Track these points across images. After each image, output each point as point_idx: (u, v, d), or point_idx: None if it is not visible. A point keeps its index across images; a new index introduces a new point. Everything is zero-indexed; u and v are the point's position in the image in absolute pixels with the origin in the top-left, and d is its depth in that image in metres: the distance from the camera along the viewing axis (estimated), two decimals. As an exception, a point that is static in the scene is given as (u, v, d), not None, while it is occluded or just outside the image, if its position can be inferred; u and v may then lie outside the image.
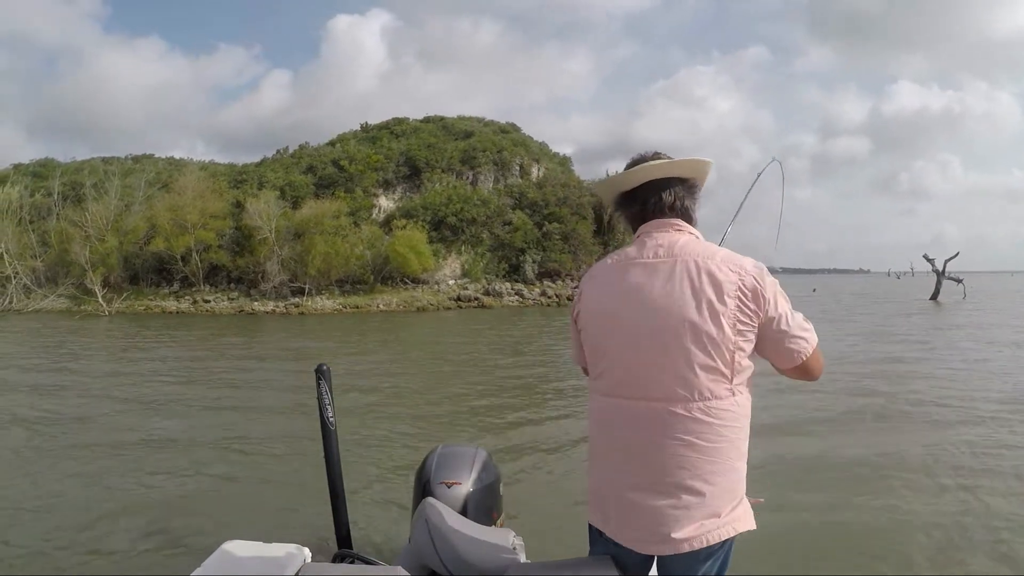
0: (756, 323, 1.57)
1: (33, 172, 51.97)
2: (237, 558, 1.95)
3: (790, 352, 1.61)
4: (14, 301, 37.04)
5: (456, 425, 7.95)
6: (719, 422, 1.57)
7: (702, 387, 1.55)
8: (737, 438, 1.61)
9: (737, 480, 1.63)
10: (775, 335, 1.59)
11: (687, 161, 1.74)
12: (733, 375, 1.57)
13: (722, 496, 1.60)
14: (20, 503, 5.11)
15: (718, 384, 1.56)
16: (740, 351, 1.57)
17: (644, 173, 1.73)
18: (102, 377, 12.09)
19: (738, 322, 1.56)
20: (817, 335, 1.65)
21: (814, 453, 6.31)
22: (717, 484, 1.58)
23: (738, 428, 1.60)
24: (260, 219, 37.03)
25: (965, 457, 6.08)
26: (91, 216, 40.04)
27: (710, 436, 1.56)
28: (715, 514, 1.59)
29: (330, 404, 2.32)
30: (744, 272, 1.58)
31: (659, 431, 1.59)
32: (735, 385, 1.58)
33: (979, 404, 8.40)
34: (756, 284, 1.57)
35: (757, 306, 1.56)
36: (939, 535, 4.31)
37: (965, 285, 38.29)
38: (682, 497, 1.58)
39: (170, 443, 6.98)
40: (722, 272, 1.57)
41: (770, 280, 1.60)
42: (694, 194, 1.77)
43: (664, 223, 1.71)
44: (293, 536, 2.29)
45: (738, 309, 1.55)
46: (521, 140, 53.37)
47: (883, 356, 13.36)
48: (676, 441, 1.57)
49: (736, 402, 1.59)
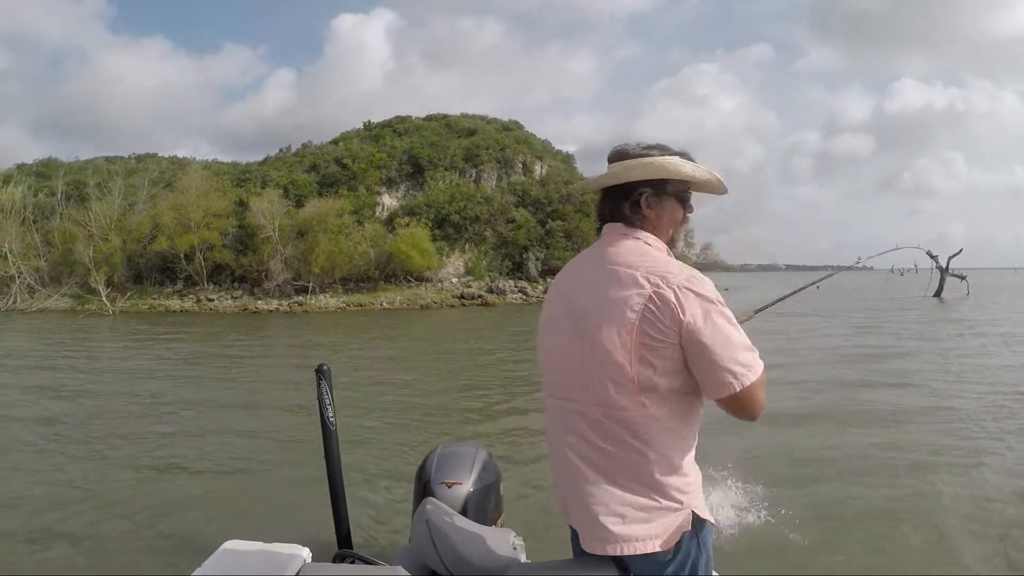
0: (670, 339, 1.45)
1: (36, 172, 51.99)
2: (237, 558, 1.94)
3: (714, 383, 1.46)
4: (18, 301, 37.17)
5: (457, 424, 7.95)
6: (629, 431, 1.51)
7: (608, 395, 1.51)
8: (652, 450, 1.51)
9: (665, 492, 1.53)
10: (697, 360, 1.46)
11: (651, 163, 1.60)
12: (641, 387, 1.48)
13: (639, 507, 1.53)
14: (19, 503, 5.10)
15: (624, 395, 1.49)
16: (647, 365, 1.47)
17: (605, 180, 1.67)
18: (104, 377, 12.10)
19: (643, 334, 1.46)
20: (760, 368, 1.48)
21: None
22: (636, 492, 1.52)
23: (655, 440, 1.51)
24: (263, 218, 37.09)
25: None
26: (94, 215, 40.12)
27: (622, 444, 1.52)
28: (637, 524, 1.53)
29: (330, 404, 2.32)
30: (664, 284, 1.46)
31: (580, 432, 1.57)
32: (646, 396, 1.49)
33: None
34: (674, 299, 1.44)
35: (672, 320, 1.44)
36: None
37: (968, 282, 38.20)
38: (601, 500, 1.54)
39: (170, 443, 6.99)
40: (638, 282, 1.49)
41: (698, 299, 1.45)
42: (664, 193, 1.62)
43: (614, 227, 1.64)
44: (293, 536, 2.25)
45: (644, 320, 1.46)
46: (524, 138, 53.37)
47: (887, 353, 13.31)
48: (593, 445, 1.55)
49: (649, 415, 1.50)
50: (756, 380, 1.47)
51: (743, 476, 4.97)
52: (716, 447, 5.58)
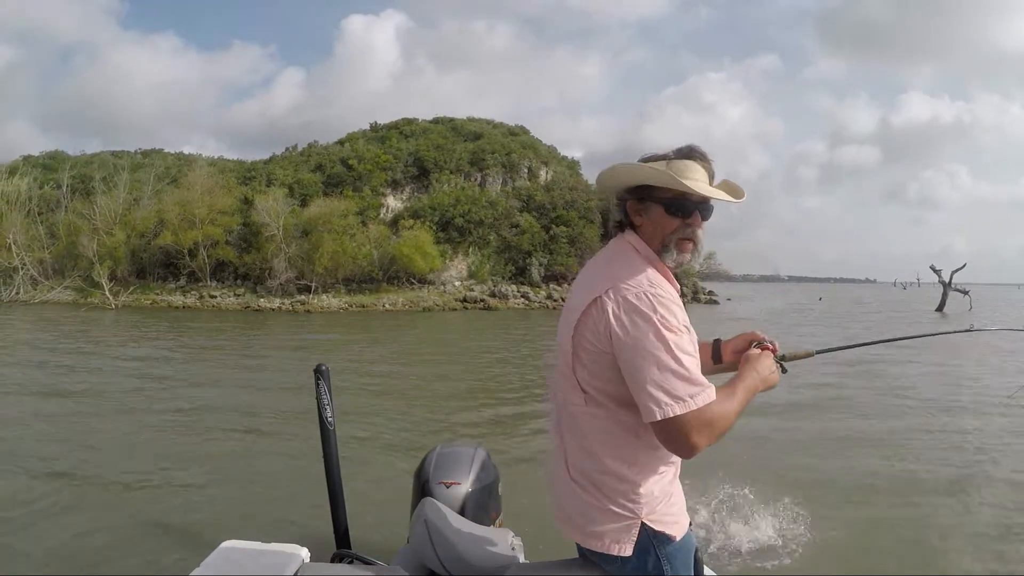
0: (602, 347, 1.48)
1: (43, 164, 52.13)
2: (236, 558, 1.94)
3: (640, 405, 1.42)
4: (21, 292, 37.24)
5: (456, 425, 7.94)
6: (579, 428, 1.58)
7: (563, 389, 1.60)
8: (597, 451, 1.55)
9: (607, 495, 1.55)
10: (627, 376, 1.44)
11: (613, 170, 1.62)
12: (582, 388, 1.54)
13: (589, 503, 1.57)
14: (17, 502, 5.08)
15: (571, 393, 1.57)
16: (583, 367, 1.52)
17: (600, 188, 1.69)
18: (102, 372, 12.07)
19: (581, 337, 1.51)
20: (697, 407, 1.39)
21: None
22: (585, 488, 1.58)
23: (598, 442, 1.54)
24: (268, 216, 37.10)
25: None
26: (99, 209, 40.16)
27: (576, 439, 1.59)
28: (586, 520, 1.58)
29: (329, 404, 2.33)
30: (610, 292, 1.47)
31: (557, 424, 1.67)
32: (586, 398, 1.54)
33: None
34: (611, 309, 1.45)
35: (604, 329, 1.46)
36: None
37: (971, 297, 38.14)
38: (563, 492, 1.64)
39: (168, 442, 6.97)
40: (590, 287, 1.53)
41: (637, 311, 1.43)
42: (648, 200, 1.59)
43: (616, 236, 1.68)
44: (292, 536, 2.29)
45: (583, 323, 1.50)
46: (530, 143, 53.39)
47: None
48: (554, 431, 1.68)
49: (593, 415, 1.54)
50: (686, 415, 1.38)
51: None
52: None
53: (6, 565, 3.96)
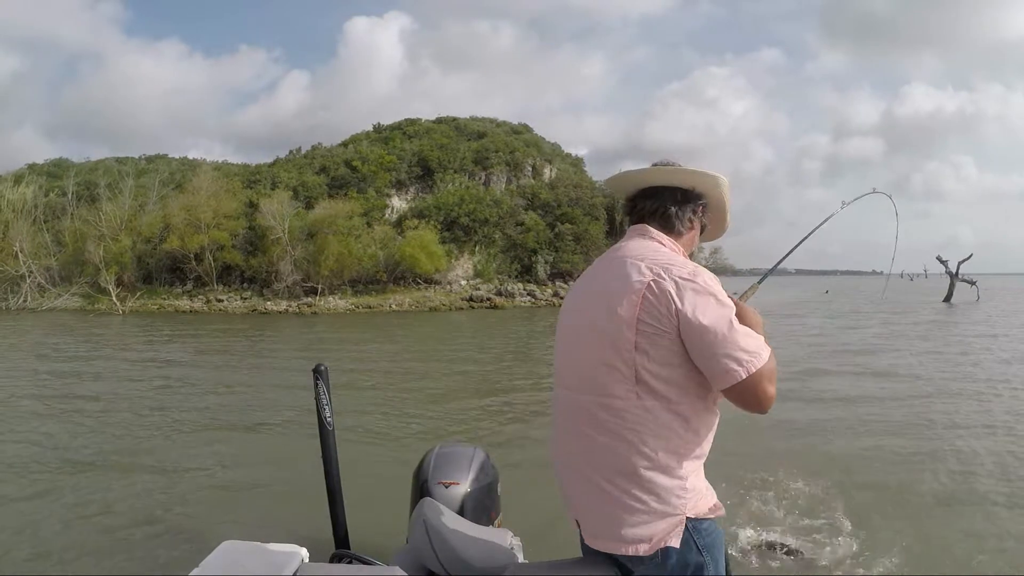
0: (667, 328, 1.47)
1: (47, 172, 52.35)
2: (235, 558, 1.92)
3: (719, 371, 1.45)
4: (28, 300, 37.39)
5: (455, 424, 7.90)
6: (620, 423, 1.51)
7: (603, 383, 1.53)
8: (644, 444, 1.50)
9: (651, 491, 1.51)
10: (697, 350, 1.46)
11: (682, 171, 1.70)
12: (636, 377, 1.49)
13: (630, 504, 1.51)
14: (18, 502, 5.10)
15: (618, 384, 1.51)
16: (643, 353, 1.48)
17: (639, 179, 1.74)
18: (107, 375, 12.08)
19: (640, 322, 1.48)
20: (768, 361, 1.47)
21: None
22: (622, 488, 1.52)
23: (645, 434, 1.50)
24: (273, 219, 37.13)
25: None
26: (105, 215, 40.24)
27: (612, 435, 1.52)
28: (625, 522, 1.52)
29: (328, 404, 2.34)
30: (664, 275, 1.49)
31: (580, 420, 1.59)
32: (640, 387, 1.49)
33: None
34: (672, 288, 1.47)
35: (668, 310, 1.46)
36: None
37: (979, 287, 38.02)
38: (589, 493, 1.58)
39: (168, 443, 6.97)
40: (641, 272, 1.52)
41: (695, 292, 1.47)
42: (690, 206, 1.71)
43: (636, 228, 1.71)
44: (291, 536, 2.26)
45: (642, 308, 1.48)
46: (533, 141, 53.36)
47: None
48: (587, 435, 1.57)
49: (644, 407, 1.49)
50: (763, 368, 1.44)
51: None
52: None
53: (6, 565, 3.96)
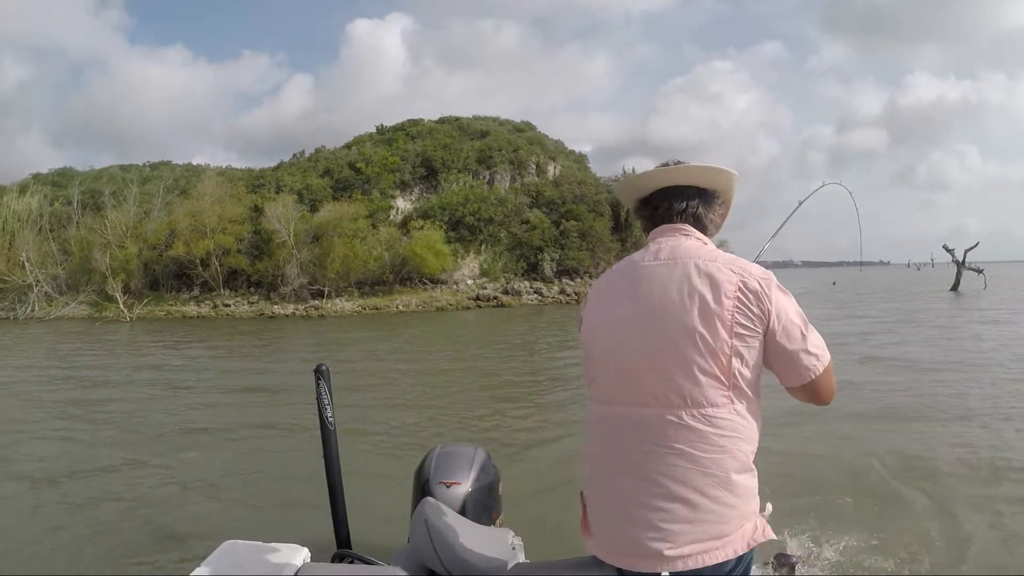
0: (759, 329, 1.47)
1: (52, 181, 52.51)
2: (236, 558, 1.93)
3: (798, 369, 1.48)
4: (36, 309, 37.50)
5: (457, 424, 7.86)
6: (714, 431, 1.46)
7: (695, 393, 1.46)
8: (737, 449, 1.48)
9: (741, 495, 1.49)
10: (782, 348, 1.48)
11: (702, 168, 1.69)
12: (731, 382, 1.46)
13: (722, 511, 1.46)
14: (19, 503, 5.11)
15: (714, 390, 1.46)
16: (739, 357, 1.46)
17: (659, 178, 1.70)
18: (112, 380, 12.12)
19: (736, 324, 1.46)
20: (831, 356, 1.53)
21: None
22: (715, 498, 1.46)
23: (738, 438, 1.48)
24: (279, 223, 37.13)
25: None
26: (110, 223, 40.36)
27: (704, 446, 1.45)
28: (715, 531, 1.46)
29: (329, 404, 2.35)
30: (748, 274, 1.49)
31: (650, 438, 1.49)
32: (734, 392, 1.47)
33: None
34: (760, 288, 1.47)
35: (760, 310, 1.46)
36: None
37: (986, 275, 37.86)
38: (675, 511, 1.46)
39: (170, 443, 6.97)
40: (723, 273, 1.50)
41: (778, 289, 1.50)
42: (712, 204, 1.71)
43: (671, 228, 1.66)
44: (292, 536, 2.24)
45: (737, 310, 1.46)
46: (537, 138, 53.26)
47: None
48: (667, 450, 1.47)
49: (736, 411, 1.47)
50: (829, 364, 1.51)
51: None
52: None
53: (7, 565, 3.95)
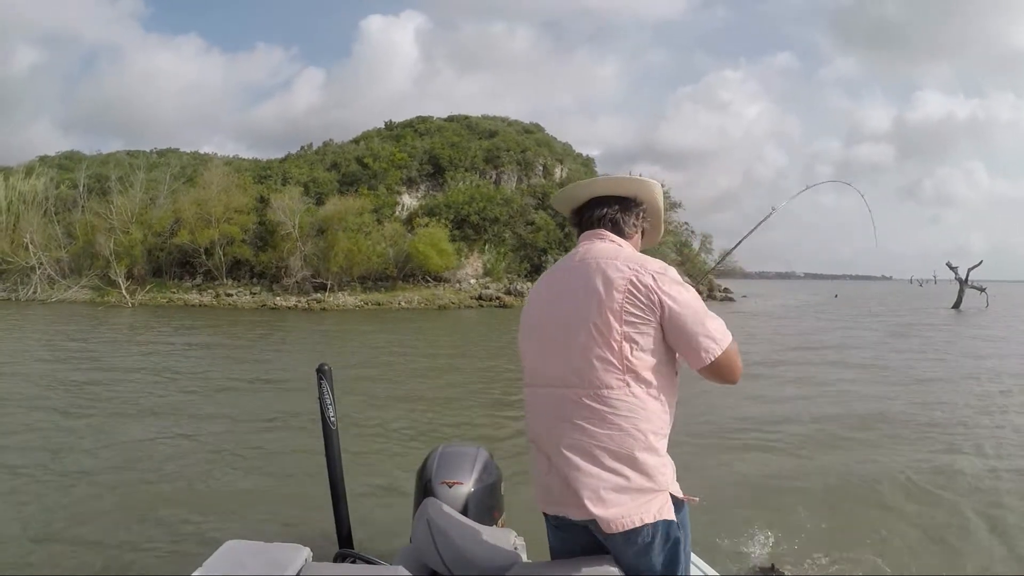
0: (652, 318, 1.65)
1: (59, 164, 52.51)
2: (238, 558, 1.92)
3: (696, 352, 1.66)
4: (38, 291, 37.50)
5: (458, 424, 7.86)
6: (609, 410, 1.64)
7: (591, 376, 1.66)
8: (635, 428, 1.65)
9: (642, 471, 1.65)
10: (679, 334, 1.67)
11: (618, 179, 1.95)
12: (624, 365, 1.64)
13: (619, 482, 1.64)
14: (20, 502, 5.06)
15: (608, 374, 1.65)
16: (631, 342, 1.65)
17: (585, 190, 1.96)
18: (113, 370, 12.06)
19: (626, 313, 1.64)
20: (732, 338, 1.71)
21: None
22: (612, 469, 1.64)
23: (634, 418, 1.65)
24: (284, 214, 37.08)
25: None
26: (116, 208, 40.28)
27: (599, 422, 1.65)
28: (615, 499, 1.64)
29: (331, 404, 2.37)
30: (642, 270, 1.68)
31: (557, 414, 1.71)
32: (629, 375, 1.65)
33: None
34: (652, 282, 1.66)
35: (650, 301, 1.64)
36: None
37: (988, 294, 37.83)
38: (578, 476, 1.66)
39: (170, 443, 6.93)
40: (618, 270, 1.69)
41: (673, 282, 1.68)
42: (630, 210, 1.90)
43: (591, 233, 1.89)
44: (294, 536, 2.29)
45: (627, 302, 1.65)
46: (545, 140, 53.20)
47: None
48: (570, 425, 1.68)
49: (632, 393, 1.65)
50: (731, 346, 1.69)
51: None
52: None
53: (7, 565, 3.94)
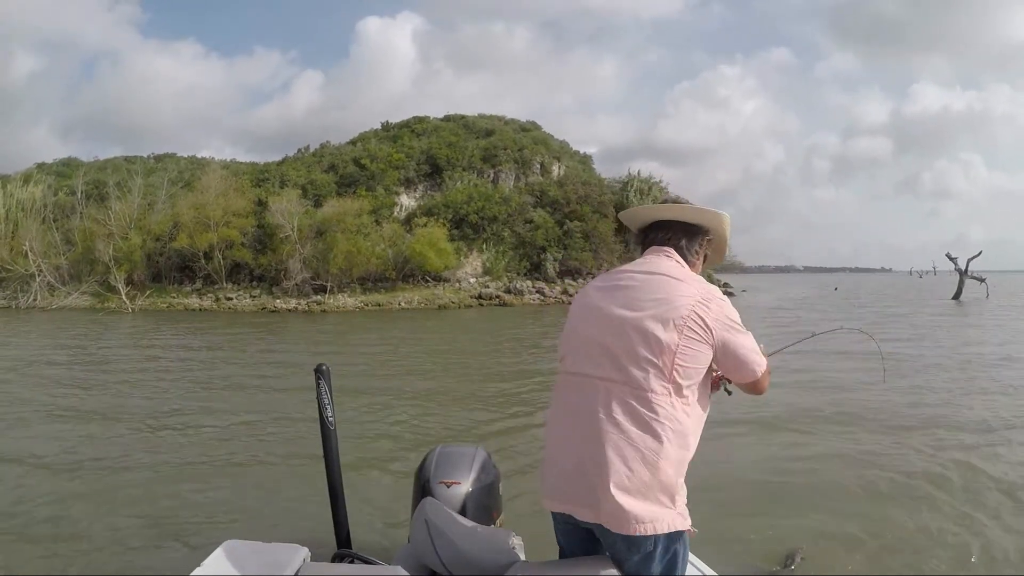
0: (706, 341, 1.80)
1: (56, 171, 52.46)
2: (236, 558, 1.95)
3: (746, 368, 1.90)
4: (38, 298, 37.46)
5: (457, 424, 7.83)
6: (649, 413, 1.74)
7: (639, 377, 1.76)
8: (666, 437, 1.74)
9: (666, 480, 1.75)
10: (732, 354, 1.86)
11: (688, 208, 2.06)
12: (672, 376, 1.76)
13: (639, 487, 1.72)
14: (20, 502, 5.06)
15: (655, 379, 1.75)
16: (684, 357, 1.77)
17: (654, 212, 2.09)
18: (112, 373, 12.05)
19: (687, 330, 1.78)
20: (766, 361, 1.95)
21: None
22: (636, 472, 1.72)
23: (668, 427, 1.74)
24: (283, 217, 37.06)
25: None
26: (114, 214, 40.26)
27: (636, 422, 1.74)
28: (632, 504, 1.72)
29: (330, 404, 2.39)
30: (709, 296, 1.84)
31: (599, 404, 1.79)
32: (673, 385, 1.76)
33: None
34: (715, 307, 1.83)
35: (706, 327, 1.79)
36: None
37: (988, 284, 37.84)
38: (603, 472, 1.73)
39: (170, 442, 6.93)
40: (690, 289, 1.84)
41: (722, 309, 1.85)
42: (695, 237, 2.05)
43: (657, 249, 2.03)
44: (293, 536, 2.27)
45: (691, 320, 1.78)
46: (542, 138, 53.11)
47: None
48: (607, 418, 1.76)
49: (672, 403, 1.76)
50: (767, 368, 1.95)
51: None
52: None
53: (6, 565, 3.94)
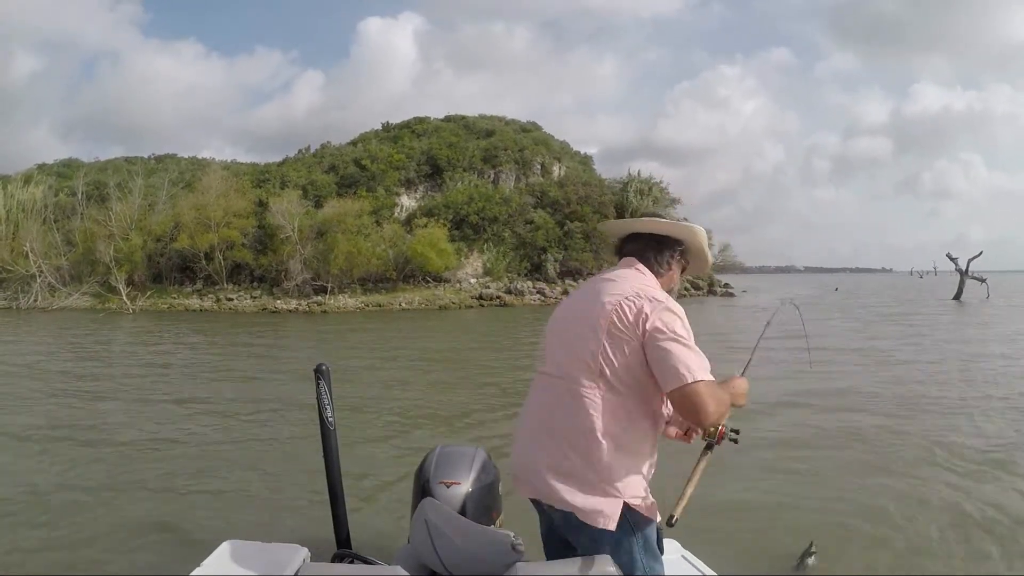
0: (631, 339, 1.81)
1: (57, 172, 52.50)
2: (236, 558, 1.95)
3: (670, 373, 1.76)
4: (39, 299, 37.46)
5: (457, 425, 7.85)
6: (582, 407, 1.83)
7: (575, 372, 1.86)
8: (604, 429, 1.81)
9: (605, 472, 1.82)
10: (658, 356, 1.78)
11: (656, 221, 2.12)
12: (602, 371, 1.82)
13: (584, 476, 1.83)
14: (20, 502, 5.07)
15: (587, 374, 1.84)
16: (608, 353, 1.82)
17: (629, 226, 2.16)
18: (111, 374, 12.08)
19: (610, 326, 1.83)
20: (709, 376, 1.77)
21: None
22: (580, 463, 1.83)
23: (604, 419, 1.81)
24: (283, 218, 37.08)
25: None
26: (115, 215, 40.27)
27: (579, 413, 1.83)
28: (580, 488, 1.83)
29: (329, 404, 2.39)
30: (640, 295, 1.85)
31: (544, 399, 1.97)
32: (601, 380, 1.83)
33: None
34: (644, 306, 1.82)
35: (637, 321, 1.80)
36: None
37: (988, 284, 37.85)
38: (554, 459, 1.87)
39: (170, 442, 6.94)
40: (622, 289, 1.89)
41: (669, 311, 1.82)
42: (663, 248, 2.07)
43: (626, 260, 2.08)
44: (292, 536, 2.29)
45: (616, 318, 1.83)
46: (542, 139, 53.14)
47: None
48: (561, 409, 1.88)
49: (603, 397, 1.82)
50: (705, 382, 1.73)
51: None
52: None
53: (6, 565, 3.95)
